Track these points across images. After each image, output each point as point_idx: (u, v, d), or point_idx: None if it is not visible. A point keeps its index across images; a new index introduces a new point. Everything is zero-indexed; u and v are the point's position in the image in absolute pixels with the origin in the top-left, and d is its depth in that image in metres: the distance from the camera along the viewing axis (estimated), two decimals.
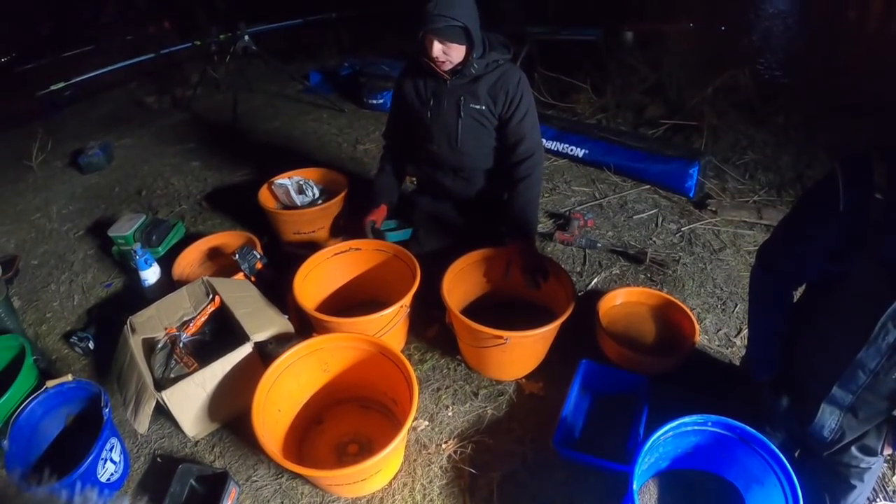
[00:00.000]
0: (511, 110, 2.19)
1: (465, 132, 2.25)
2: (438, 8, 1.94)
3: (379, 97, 4.54)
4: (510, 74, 2.18)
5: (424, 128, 2.32)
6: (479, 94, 2.18)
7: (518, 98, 2.18)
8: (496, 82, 2.18)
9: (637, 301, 2.34)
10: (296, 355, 1.77)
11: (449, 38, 2.02)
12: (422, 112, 2.30)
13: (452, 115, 2.24)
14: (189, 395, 1.80)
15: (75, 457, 1.69)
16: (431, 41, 2.03)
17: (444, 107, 2.24)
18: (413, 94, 2.31)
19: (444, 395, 2.10)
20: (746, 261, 2.70)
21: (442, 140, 2.30)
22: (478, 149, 2.30)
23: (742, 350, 2.24)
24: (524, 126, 2.21)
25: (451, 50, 2.06)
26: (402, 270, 2.21)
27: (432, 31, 2.00)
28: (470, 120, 2.23)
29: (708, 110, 3.86)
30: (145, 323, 2.01)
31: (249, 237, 2.60)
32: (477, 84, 2.18)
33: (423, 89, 2.28)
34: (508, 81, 2.17)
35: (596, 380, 2.06)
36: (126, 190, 3.71)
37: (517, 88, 2.18)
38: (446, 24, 1.97)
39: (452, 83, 2.19)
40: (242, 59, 4.72)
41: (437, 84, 2.24)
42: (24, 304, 2.78)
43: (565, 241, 2.83)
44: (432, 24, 1.96)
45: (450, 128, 2.26)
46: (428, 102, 2.27)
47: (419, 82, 2.28)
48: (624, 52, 4.91)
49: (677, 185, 3.23)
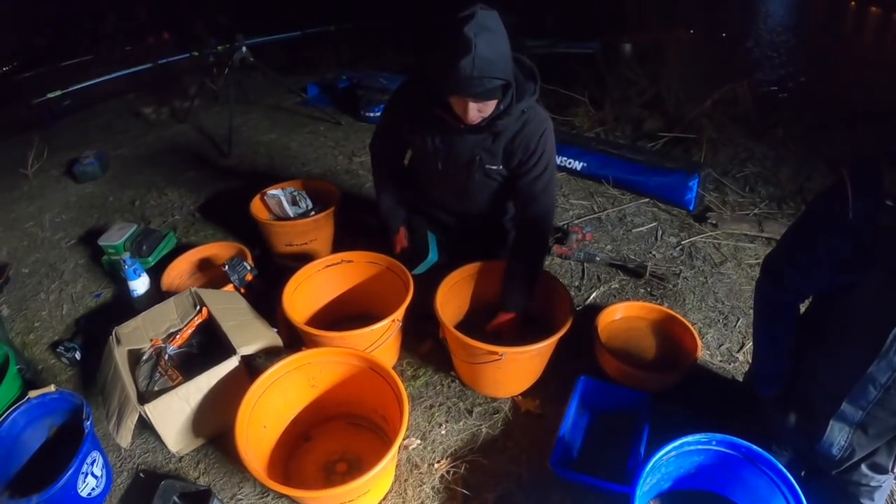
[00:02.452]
0: (526, 168, 1.95)
1: (477, 190, 2.10)
2: (477, 69, 1.57)
3: (376, 110, 4.51)
4: (534, 127, 1.90)
5: (430, 174, 2.14)
6: (496, 151, 1.95)
7: (538, 155, 1.93)
8: (516, 135, 1.91)
9: (637, 316, 2.29)
10: (283, 370, 1.72)
11: (489, 98, 1.71)
12: (428, 161, 2.06)
13: (464, 171, 2.02)
14: (173, 408, 1.75)
15: (57, 470, 1.63)
16: (466, 104, 1.71)
17: (457, 162, 2.00)
18: (418, 137, 2.03)
19: (437, 413, 2.04)
20: (748, 274, 2.66)
21: (448, 193, 2.17)
22: (487, 201, 2.17)
23: (745, 365, 2.19)
24: (537, 186, 1.97)
25: (486, 107, 1.75)
26: (395, 283, 2.16)
27: (472, 96, 1.67)
28: (483, 178, 2.04)
29: (707, 123, 3.85)
30: (131, 334, 1.96)
31: (240, 248, 2.56)
32: (498, 140, 1.92)
33: (431, 137, 1.99)
34: (531, 137, 1.90)
35: (595, 397, 2.01)
36: (120, 200, 3.67)
37: (537, 144, 1.92)
38: (489, 88, 1.65)
39: (469, 138, 1.93)
40: (240, 71, 4.69)
41: (448, 133, 1.94)
42: (12, 313, 2.73)
43: (563, 254, 2.79)
44: (472, 90, 1.64)
45: (459, 183, 2.08)
46: (437, 152, 2.00)
47: (426, 126, 1.97)
48: (622, 64, 4.91)
49: (677, 197, 3.20)
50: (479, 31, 1.55)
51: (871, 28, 8.35)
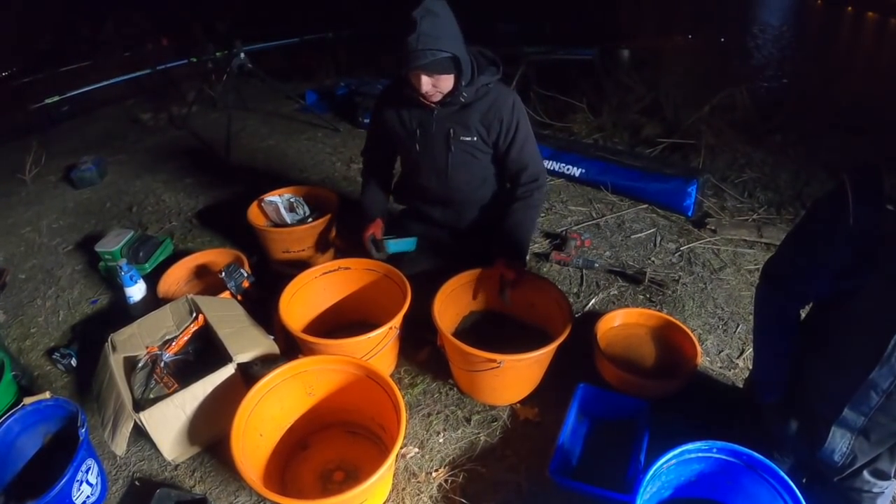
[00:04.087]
0: (508, 139, 2.08)
1: (455, 166, 2.15)
2: (421, 42, 1.78)
3: None
4: (503, 99, 2.05)
5: (411, 161, 2.23)
6: (469, 124, 2.05)
7: (514, 125, 2.06)
8: (489, 110, 2.04)
9: (636, 322, 2.28)
10: (279, 377, 1.70)
11: (437, 70, 1.87)
12: (408, 144, 2.18)
13: (441, 149, 2.12)
14: (168, 416, 1.73)
15: (51, 477, 1.61)
16: (419, 76, 1.89)
17: (433, 140, 2.11)
18: (397, 123, 2.17)
19: (435, 421, 2.03)
20: (747, 280, 2.66)
21: (430, 174, 2.21)
22: (469, 182, 2.22)
23: (745, 372, 2.18)
24: (525, 154, 2.11)
25: (440, 82, 1.92)
26: (393, 291, 2.15)
27: (419, 67, 1.85)
28: (460, 153, 2.12)
29: (705, 129, 3.85)
30: (126, 341, 1.95)
31: (237, 255, 2.55)
32: (467, 112, 2.04)
33: (408, 119, 2.13)
34: (502, 108, 2.04)
35: (594, 404, 1.99)
36: (117, 206, 3.66)
37: (512, 114, 2.05)
38: (433, 59, 1.81)
39: (440, 113, 2.05)
40: (239, 77, 4.70)
41: (422, 114, 2.09)
42: (9, 319, 2.71)
43: (562, 260, 2.78)
44: (418, 62, 1.82)
45: (438, 162, 2.15)
46: (414, 134, 2.13)
47: (402, 112, 2.13)
48: (620, 71, 4.92)
49: (675, 203, 3.20)
50: (425, 14, 1.79)
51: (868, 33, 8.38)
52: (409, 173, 2.31)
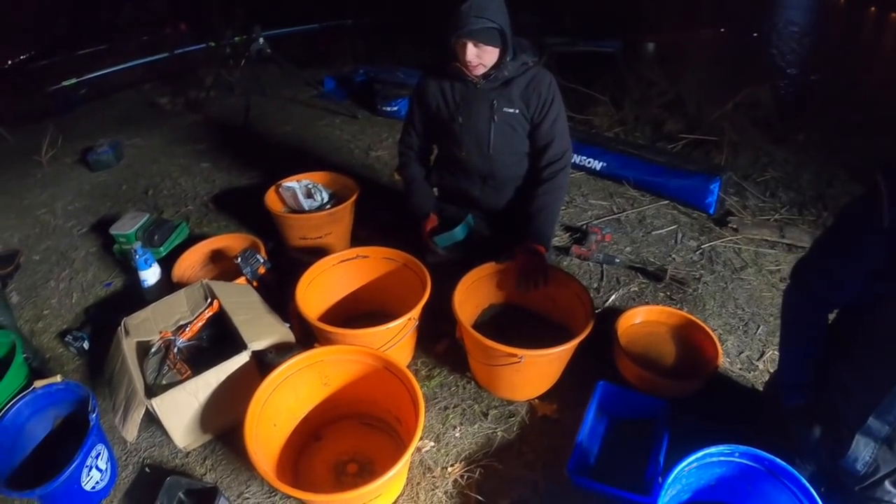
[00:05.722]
0: (543, 113, 2.15)
1: (497, 137, 2.19)
2: (473, 9, 1.91)
3: (393, 104, 4.47)
4: (541, 77, 2.15)
5: (452, 134, 2.25)
6: (512, 97, 2.14)
7: (550, 100, 2.14)
8: (528, 85, 2.13)
9: (657, 320, 2.22)
10: (294, 367, 1.66)
11: (484, 40, 1.98)
12: (450, 118, 2.23)
13: (484, 119, 2.18)
14: (180, 403, 1.70)
15: (61, 461, 1.60)
16: (465, 45, 1.99)
17: (476, 112, 2.18)
18: (439, 98, 2.24)
19: (451, 415, 1.98)
20: (769, 280, 2.59)
21: (472, 146, 2.24)
22: (509, 155, 2.25)
23: (765, 374, 2.12)
24: (555, 129, 2.17)
25: (484, 53, 2.02)
26: (412, 281, 2.11)
27: (467, 33, 1.95)
28: (503, 125, 2.18)
29: (728, 126, 3.77)
30: (140, 325, 1.92)
31: (254, 240, 2.51)
32: (509, 87, 2.13)
33: (451, 94, 2.21)
34: (541, 83, 2.13)
35: (613, 402, 1.94)
36: (133, 189, 3.64)
37: (549, 91, 2.14)
38: (482, 27, 1.93)
39: (483, 86, 2.14)
40: (257, 62, 4.68)
41: (466, 88, 2.18)
42: (22, 300, 2.70)
43: (582, 255, 2.72)
44: (467, 27, 1.92)
45: (481, 133, 2.20)
46: (457, 108, 2.20)
47: (446, 86, 2.21)
48: (642, 64, 4.83)
49: (697, 200, 3.12)
50: None
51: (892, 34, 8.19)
52: (450, 149, 2.33)
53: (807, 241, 2.77)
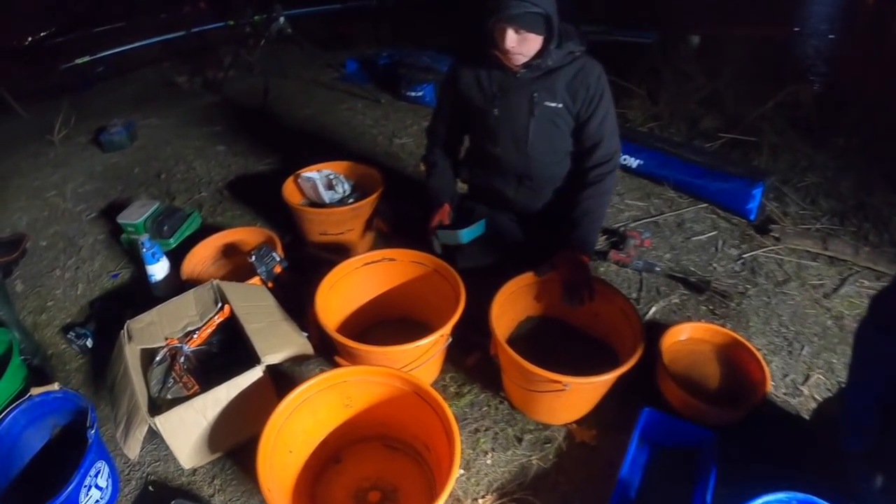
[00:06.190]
0: (591, 109, 1.92)
1: (536, 134, 1.97)
2: None
3: (418, 89, 4.25)
4: (590, 68, 1.90)
5: (487, 128, 2.03)
6: (555, 89, 1.90)
7: (599, 95, 1.91)
8: (575, 76, 1.89)
9: (701, 338, 2.02)
10: (314, 388, 1.47)
11: (526, 26, 1.73)
12: (485, 109, 2.00)
13: (523, 113, 1.95)
14: (186, 422, 1.53)
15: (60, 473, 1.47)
16: (504, 30, 1.74)
17: (514, 104, 1.95)
18: (474, 87, 2.00)
19: (482, 439, 1.80)
20: (812, 296, 2.37)
21: (508, 143, 2.02)
22: (549, 154, 2.03)
23: (810, 401, 1.94)
24: (604, 127, 1.95)
25: (526, 41, 1.77)
26: (442, 288, 1.92)
27: (507, 17, 1.71)
28: (543, 120, 1.95)
29: (768, 126, 3.53)
30: (144, 330, 1.74)
31: (269, 235, 2.32)
32: (553, 78, 1.89)
33: (488, 82, 1.97)
34: (589, 75, 1.89)
35: (656, 430, 1.75)
36: (146, 172, 3.49)
37: (598, 84, 1.91)
38: (525, 11, 1.68)
39: (523, 76, 1.90)
40: (277, 42, 4.52)
41: (504, 77, 1.94)
42: (26, 289, 2.58)
43: (621, 261, 2.52)
44: (508, 10, 1.68)
45: (519, 129, 1.98)
46: (493, 98, 1.97)
47: (482, 73, 1.98)
48: (679, 57, 4.57)
49: (738, 206, 2.89)
50: None
51: None
52: (483, 144, 2.11)
53: (850, 255, 2.56)
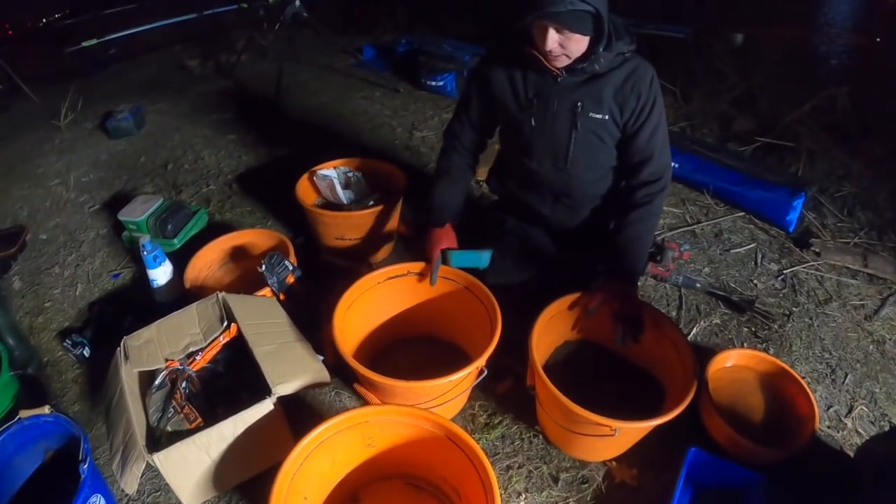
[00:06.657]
0: (641, 121, 1.67)
1: (577, 150, 1.73)
2: None
3: (439, 79, 4.04)
4: (642, 71, 1.64)
5: (521, 139, 1.79)
6: (602, 98, 1.65)
7: (651, 105, 1.66)
8: (626, 81, 1.64)
9: (745, 365, 1.85)
10: (332, 430, 1.29)
11: (571, 25, 1.47)
12: (519, 118, 1.76)
13: (564, 127, 1.71)
14: (188, 459, 1.37)
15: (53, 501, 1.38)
16: (545, 29, 1.49)
17: (554, 114, 1.70)
18: (507, 90, 1.75)
19: (515, 477, 1.63)
20: (853, 318, 2.19)
21: (545, 157, 1.78)
22: (591, 171, 1.79)
23: (854, 435, 1.78)
24: (655, 142, 1.70)
25: (570, 41, 1.52)
26: (474, 308, 1.73)
27: (548, 15, 1.45)
28: (587, 133, 1.71)
29: (804, 131, 3.31)
30: (142, 349, 1.57)
31: (281, 239, 2.13)
32: (600, 84, 1.64)
33: (522, 86, 1.72)
34: (640, 81, 1.63)
35: (701, 471, 1.59)
36: (152, 161, 3.32)
37: (650, 91, 1.65)
38: (570, 9, 1.43)
39: (566, 81, 1.65)
40: (292, 26, 4.33)
41: (542, 81, 1.69)
42: (24, 287, 2.44)
43: (659, 275, 2.33)
44: (550, 8, 1.43)
45: (559, 143, 1.74)
46: (530, 105, 1.72)
47: (516, 75, 1.72)
48: (713, 54, 4.34)
49: (777, 216, 2.69)
50: None
51: None
52: (516, 155, 1.87)
53: (890, 273, 2.38)
